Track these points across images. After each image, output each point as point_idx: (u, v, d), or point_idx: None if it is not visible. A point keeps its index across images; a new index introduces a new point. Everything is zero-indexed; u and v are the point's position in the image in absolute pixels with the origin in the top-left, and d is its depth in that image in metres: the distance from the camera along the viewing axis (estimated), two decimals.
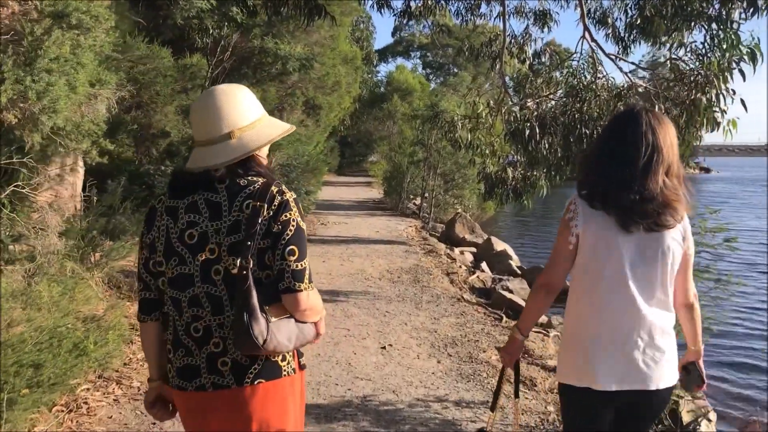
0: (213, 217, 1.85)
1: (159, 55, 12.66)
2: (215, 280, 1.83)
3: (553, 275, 2.28)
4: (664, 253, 2.16)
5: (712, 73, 6.89)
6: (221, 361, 1.85)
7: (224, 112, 1.90)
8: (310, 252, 2.06)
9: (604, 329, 2.18)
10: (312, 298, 1.90)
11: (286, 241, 1.82)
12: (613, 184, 2.16)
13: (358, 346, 5.77)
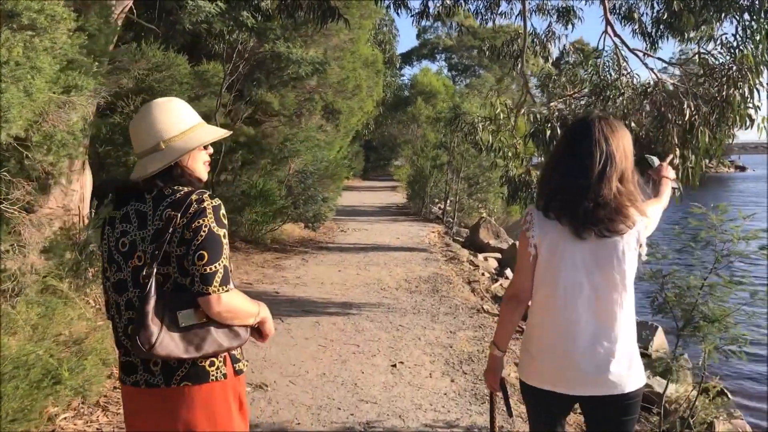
0: (140, 226, 1.96)
1: (175, 62, 12.52)
2: (144, 284, 1.89)
3: (519, 286, 2.32)
4: (619, 258, 2.17)
5: (746, 67, 6.45)
6: (153, 362, 1.94)
7: (154, 125, 2.00)
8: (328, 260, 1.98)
9: (563, 335, 2.22)
10: (225, 300, 1.91)
11: (197, 247, 1.89)
12: (568, 193, 2.18)
13: (367, 364, 5.43)
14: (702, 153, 6.92)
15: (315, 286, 8.38)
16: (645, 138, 7.28)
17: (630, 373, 2.20)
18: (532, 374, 2.30)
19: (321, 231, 13.69)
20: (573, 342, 2.20)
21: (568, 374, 2.21)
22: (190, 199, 1.92)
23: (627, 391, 2.19)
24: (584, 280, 2.19)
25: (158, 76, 12.59)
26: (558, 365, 2.22)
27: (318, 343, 5.93)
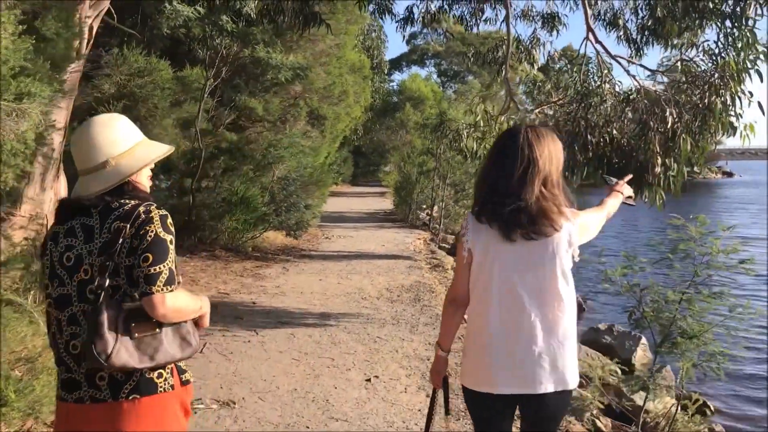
0: (87, 239, 1.95)
1: (157, 67, 12.35)
2: (90, 299, 1.89)
3: (457, 290, 2.39)
4: (550, 260, 2.23)
5: (728, 74, 6.37)
6: (99, 376, 1.91)
7: (99, 142, 2.00)
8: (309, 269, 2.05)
9: (498, 336, 2.26)
10: (170, 300, 1.91)
11: (142, 250, 1.89)
12: (495, 198, 2.26)
13: (341, 378, 5.28)
14: (684, 161, 6.83)
15: (294, 296, 8.22)
16: (627, 146, 7.19)
17: (563, 371, 2.25)
18: (472, 378, 2.34)
19: (305, 238, 13.53)
20: (509, 343, 2.26)
21: (506, 375, 2.25)
22: (138, 210, 1.94)
23: (559, 389, 2.26)
24: (517, 282, 2.25)
25: (140, 81, 12.43)
26: (496, 367, 2.27)
27: (292, 356, 5.77)
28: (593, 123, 7.29)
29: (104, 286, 1.87)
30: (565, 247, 2.25)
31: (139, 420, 1.93)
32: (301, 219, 12.03)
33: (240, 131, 14.07)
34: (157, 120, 12.21)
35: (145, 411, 1.94)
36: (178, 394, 2.03)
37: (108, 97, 11.89)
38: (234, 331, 6.45)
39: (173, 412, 2.01)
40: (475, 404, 2.38)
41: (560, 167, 2.32)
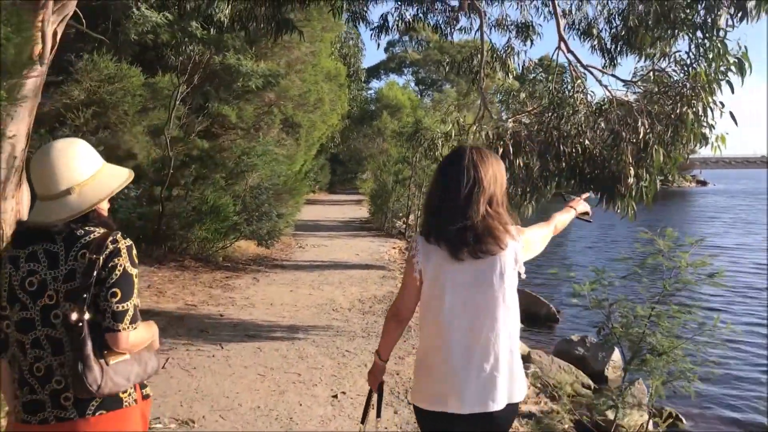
0: (51, 265, 1.98)
1: (128, 74, 12.14)
2: (54, 323, 1.96)
3: (401, 306, 2.44)
4: (498, 277, 2.27)
5: (699, 85, 6.35)
6: (64, 397, 1.97)
7: (62, 169, 2.01)
8: (280, 280, 4.78)
9: (448, 355, 2.29)
10: (132, 337, 2.01)
11: (111, 284, 1.95)
12: (442, 217, 2.30)
13: (307, 395, 5.14)
14: (656, 172, 6.79)
15: (263, 308, 8.05)
16: (600, 156, 7.14)
17: (513, 387, 2.31)
18: (424, 397, 2.37)
19: (278, 247, 13.34)
20: (461, 362, 2.28)
21: (457, 393, 2.27)
22: (104, 241, 1.99)
23: (509, 402, 2.30)
24: (467, 300, 2.28)
25: (110, 87, 12.21)
26: (447, 385, 2.29)
27: (257, 371, 5.61)
28: (566, 133, 7.24)
29: (84, 319, 1.93)
30: (511, 264, 2.29)
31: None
32: (273, 228, 11.83)
33: (213, 139, 13.86)
34: (128, 127, 11.98)
35: (111, 425, 2.02)
36: (140, 408, 2.14)
37: (77, 104, 11.65)
38: (198, 345, 6.27)
39: (136, 425, 2.11)
40: (427, 423, 2.40)
41: (504, 187, 2.37)
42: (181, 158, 12.02)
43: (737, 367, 8.21)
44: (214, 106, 13.03)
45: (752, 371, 8.29)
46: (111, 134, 11.91)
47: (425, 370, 2.37)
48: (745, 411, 7.15)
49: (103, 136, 11.74)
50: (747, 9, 5.86)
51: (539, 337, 10.01)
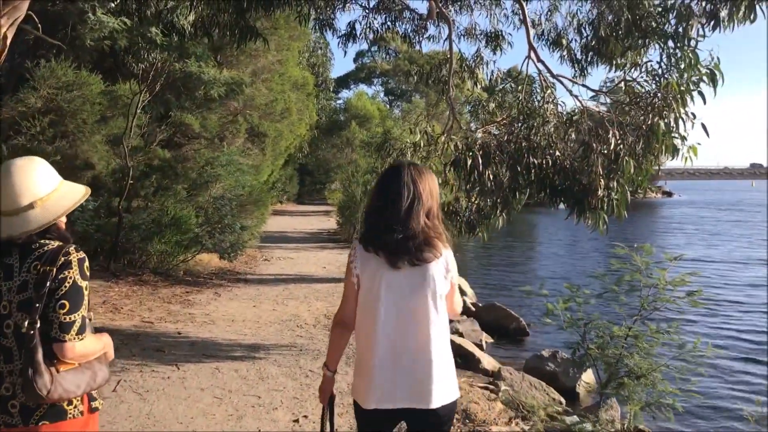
0: (6, 277, 2.08)
1: (86, 81, 11.73)
2: (6, 333, 2.06)
3: (344, 313, 2.58)
4: (431, 283, 2.44)
5: (671, 96, 6.23)
6: (11, 404, 2.07)
7: (24, 185, 2.12)
8: (243, 294, 4.90)
9: (386, 356, 2.45)
10: (78, 348, 2.09)
11: (60, 296, 2.05)
12: (381, 228, 2.46)
13: (266, 419, 4.84)
14: (627, 183, 6.66)
15: (223, 325, 7.71)
16: (570, 168, 6.99)
17: (445, 386, 2.47)
18: (362, 395, 2.50)
19: (242, 260, 12.98)
20: (394, 361, 2.45)
21: (391, 391, 2.44)
22: (58, 253, 2.09)
23: (443, 403, 2.45)
24: (402, 305, 2.45)
25: (68, 95, 11.78)
26: (382, 383, 2.44)
27: (214, 394, 5.29)
28: (536, 144, 7.08)
29: (36, 327, 2.02)
30: (442, 272, 2.47)
31: None
32: (236, 241, 11.48)
33: (175, 148, 13.48)
34: (86, 136, 11.56)
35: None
36: (86, 421, 2.19)
37: (34, 112, 11.21)
38: (153, 366, 5.93)
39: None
40: (364, 420, 2.54)
41: (438, 201, 2.56)
42: (141, 168, 11.64)
43: (713, 384, 8.13)
44: (176, 114, 12.67)
45: (726, 386, 8.21)
46: (69, 144, 11.48)
47: (361, 369, 2.54)
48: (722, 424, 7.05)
49: (60, 146, 11.30)
50: (719, 18, 5.76)
51: (509, 351, 9.83)
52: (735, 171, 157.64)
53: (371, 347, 2.47)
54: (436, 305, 2.45)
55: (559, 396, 7.03)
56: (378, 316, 2.46)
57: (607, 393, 3.53)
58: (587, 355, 3.59)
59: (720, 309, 12.53)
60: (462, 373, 7.18)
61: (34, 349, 2.02)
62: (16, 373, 2.06)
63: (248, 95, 13.87)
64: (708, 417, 7.22)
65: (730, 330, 11.18)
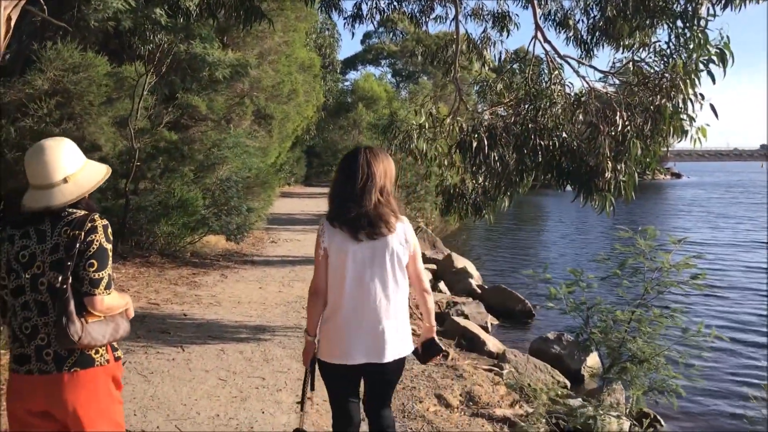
0: (39, 241, 2.40)
1: (93, 63, 11.69)
2: (41, 289, 2.37)
3: (317, 283, 2.95)
4: (390, 254, 2.85)
5: (678, 77, 6.14)
6: (45, 352, 2.37)
7: (57, 163, 2.41)
8: (249, 276, 5.64)
9: (349, 317, 2.86)
10: (107, 301, 2.42)
11: (89, 256, 2.36)
12: (341, 205, 2.85)
13: (270, 401, 4.86)
14: (634, 165, 6.59)
15: (229, 307, 7.73)
16: (578, 150, 6.92)
17: (398, 344, 2.90)
18: (328, 353, 2.91)
19: (249, 242, 13.01)
20: (357, 322, 2.85)
21: (354, 348, 2.85)
22: (85, 219, 2.39)
23: (395, 358, 2.90)
24: (364, 274, 2.84)
25: (75, 77, 11.75)
26: (346, 342, 2.85)
27: (219, 376, 5.32)
28: (543, 126, 7.02)
29: (68, 282, 2.33)
30: (400, 244, 2.86)
31: (78, 389, 2.37)
32: (243, 223, 11.48)
33: (182, 130, 13.46)
34: (93, 118, 11.55)
35: (83, 381, 2.39)
36: (112, 368, 2.50)
37: (40, 94, 11.21)
38: (158, 348, 5.96)
39: (106, 383, 2.47)
40: (330, 374, 2.96)
41: (393, 180, 2.92)
42: (148, 150, 11.63)
43: (717, 368, 8.11)
44: (183, 96, 12.63)
45: (729, 370, 8.18)
46: (75, 125, 11.48)
47: (327, 329, 2.92)
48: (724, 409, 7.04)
49: (67, 128, 11.30)
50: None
51: (515, 334, 9.83)
52: (745, 152, 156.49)
53: (337, 311, 2.87)
54: (395, 274, 2.86)
55: (564, 378, 7.02)
56: (343, 284, 2.84)
57: (610, 377, 3.51)
58: (590, 339, 3.56)
59: (722, 293, 12.48)
60: (467, 355, 7.19)
61: (67, 301, 2.33)
62: (51, 324, 2.35)
63: (255, 77, 13.78)
64: (712, 401, 7.22)
65: (733, 314, 11.14)
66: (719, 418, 6.84)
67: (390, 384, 3.05)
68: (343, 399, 3.01)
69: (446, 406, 5.14)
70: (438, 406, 5.11)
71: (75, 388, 2.36)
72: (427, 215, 17.30)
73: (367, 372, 2.92)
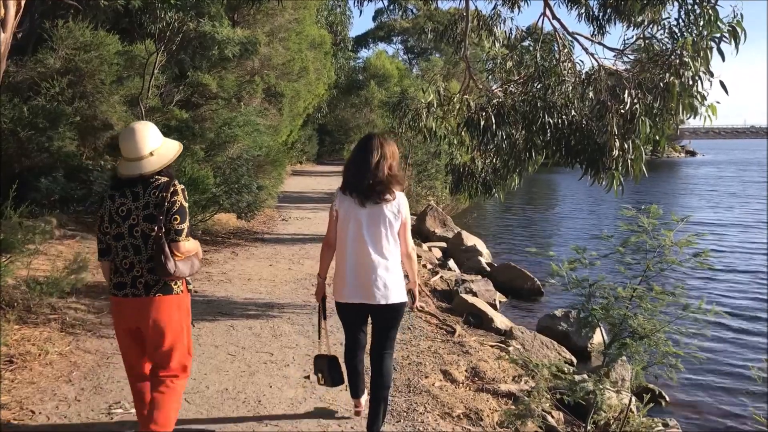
0: (134, 199, 3.21)
1: (104, 41, 11.73)
2: (136, 235, 3.20)
3: (328, 237, 3.85)
4: (385, 219, 3.65)
5: (687, 54, 6.09)
6: (138, 281, 3.21)
7: (144, 141, 3.21)
8: (260, 254, 7.46)
9: (353, 268, 3.68)
10: (187, 245, 3.25)
11: (173, 213, 3.18)
12: (356, 175, 3.66)
13: (278, 375, 4.95)
14: (643, 143, 6.57)
15: (240, 284, 7.83)
16: (586, 127, 6.90)
17: (396, 291, 3.70)
18: (337, 294, 3.81)
19: (260, 220, 13.10)
20: (360, 271, 3.66)
21: (359, 292, 3.68)
22: (169, 185, 3.21)
23: (387, 303, 3.67)
24: (364, 233, 3.64)
25: (86, 56, 11.81)
26: (347, 286, 3.71)
27: (228, 351, 5.41)
28: (551, 103, 6.99)
29: (162, 231, 3.14)
30: (395, 211, 3.66)
31: (159, 308, 3.22)
32: (253, 201, 11.55)
33: (193, 108, 13.52)
34: (104, 96, 11.63)
35: (163, 303, 3.23)
36: (184, 298, 3.36)
37: (52, 72, 11.28)
38: None
39: (179, 308, 3.31)
40: (341, 310, 3.86)
41: (397, 160, 3.76)
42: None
43: (719, 346, 8.15)
44: (194, 74, 12.66)
45: (732, 348, 8.22)
46: (87, 104, 11.55)
47: (335, 275, 3.82)
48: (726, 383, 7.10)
49: (79, 106, 11.38)
50: None
51: (523, 311, 9.88)
52: (762, 130, 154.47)
53: (343, 262, 3.71)
54: (388, 235, 3.65)
55: (571, 355, 7.09)
56: (348, 240, 3.67)
57: (611, 353, 3.55)
58: (592, 316, 3.60)
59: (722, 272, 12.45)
60: (474, 332, 7.25)
61: (164, 245, 3.12)
62: (144, 261, 3.17)
63: (265, 55, 13.78)
64: (714, 376, 7.27)
65: (734, 291, 11.14)
66: (719, 393, 6.92)
67: (385, 328, 3.79)
68: (350, 328, 3.93)
69: (452, 381, 5.21)
70: (443, 381, 5.18)
71: (157, 308, 3.20)
72: (438, 193, 17.31)
73: (366, 313, 3.77)
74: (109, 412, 4.18)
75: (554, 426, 4.75)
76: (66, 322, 5.80)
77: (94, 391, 4.50)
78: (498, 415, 4.66)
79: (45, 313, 5.89)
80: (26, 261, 5.86)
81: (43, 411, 4.13)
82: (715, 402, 6.72)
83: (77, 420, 4.04)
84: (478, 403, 4.83)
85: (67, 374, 4.73)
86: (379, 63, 35.57)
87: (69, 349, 5.22)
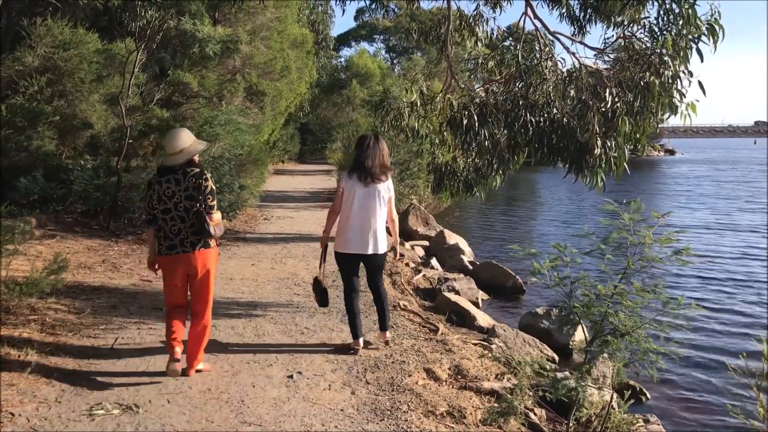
0: (176, 184, 4.63)
1: (83, 39, 11.61)
2: (180, 210, 4.64)
3: (335, 206, 5.48)
4: (379, 194, 5.35)
5: (667, 53, 6.15)
6: (186, 241, 4.67)
7: (181, 140, 4.66)
8: (242, 253, 8.30)
9: (352, 228, 5.34)
10: (217, 216, 4.74)
11: (207, 193, 4.67)
12: (360, 164, 5.34)
13: (261, 375, 4.93)
14: (624, 141, 6.63)
15: (222, 283, 7.78)
16: (568, 126, 6.94)
17: (382, 244, 5.42)
18: (338, 246, 5.41)
19: (242, 219, 13.03)
20: (356, 230, 5.32)
21: (354, 245, 5.34)
22: (201, 173, 4.69)
23: (375, 253, 5.40)
24: (362, 204, 5.31)
25: (65, 54, 11.67)
26: (347, 241, 5.35)
27: (210, 351, 5.38)
28: (533, 102, 7.03)
29: (201, 207, 4.61)
30: (386, 190, 5.40)
31: (203, 258, 4.71)
32: (235, 200, 11.49)
33: (174, 107, 13.42)
34: (84, 95, 11.51)
35: (206, 255, 4.73)
36: (216, 250, 4.89)
37: (31, 70, 11.14)
38: (150, 324, 6.03)
39: (214, 258, 4.85)
40: (340, 259, 5.45)
41: (388, 155, 5.47)
42: (139, 128, 11.60)
43: (699, 342, 8.24)
44: (175, 73, 12.57)
45: (712, 344, 8.32)
46: (67, 103, 11.42)
47: (338, 233, 5.41)
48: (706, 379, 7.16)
49: (58, 105, 11.25)
50: None
51: (505, 309, 9.92)
52: (739, 129, 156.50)
53: (346, 224, 5.33)
54: (381, 206, 5.35)
55: (553, 353, 7.14)
56: (351, 208, 5.30)
57: (592, 351, 3.58)
58: (573, 314, 3.63)
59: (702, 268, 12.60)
60: (457, 330, 7.27)
61: (204, 217, 4.58)
62: (187, 227, 4.62)
63: (246, 53, 13.71)
64: (694, 372, 7.35)
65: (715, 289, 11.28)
66: (699, 389, 7.00)
67: (377, 269, 5.52)
68: (348, 274, 5.46)
69: (435, 379, 5.22)
70: (427, 379, 5.19)
71: (201, 258, 4.68)
72: (420, 192, 17.33)
73: (360, 260, 5.42)
74: (90, 413, 4.14)
75: (537, 423, 4.78)
76: (46, 323, 5.75)
77: (74, 392, 4.45)
78: (481, 412, 4.68)
79: (25, 314, 5.83)
80: (5, 262, 5.78)
81: (23, 413, 4.08)
82: (695, 397, 6.81)
83: (58, 422, 4.00)
84: (461, 401, 4.84)
85: (48, 375, 4.68)
86: (361, 62, 35.55)
87: (49, 350, 5.16)
